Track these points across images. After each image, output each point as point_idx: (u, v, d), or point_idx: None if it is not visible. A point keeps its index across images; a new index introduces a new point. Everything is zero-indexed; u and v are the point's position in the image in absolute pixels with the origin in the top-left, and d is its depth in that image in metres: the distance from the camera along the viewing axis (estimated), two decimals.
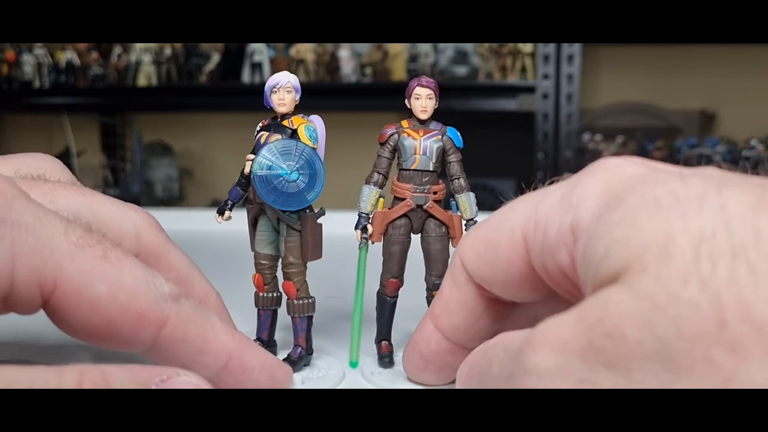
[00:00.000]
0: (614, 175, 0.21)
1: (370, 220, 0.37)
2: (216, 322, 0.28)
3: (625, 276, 0.17)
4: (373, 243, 0.37)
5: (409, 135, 0.37)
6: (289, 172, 0.34)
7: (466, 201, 0.37)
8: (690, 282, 0.16)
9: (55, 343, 0.39)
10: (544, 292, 0.25)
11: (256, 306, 0.37)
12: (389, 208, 0.37)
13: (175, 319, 0.26)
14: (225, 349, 0.28)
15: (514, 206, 0.25)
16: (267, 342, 0.37)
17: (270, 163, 0.34)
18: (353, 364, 0.29)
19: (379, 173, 0.38)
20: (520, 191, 0.26)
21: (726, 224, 0.16)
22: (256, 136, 0.36)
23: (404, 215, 0.37)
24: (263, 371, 0.29)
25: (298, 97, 0.36)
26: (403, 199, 0.37)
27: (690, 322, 0.15)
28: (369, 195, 0.37)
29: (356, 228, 0.37)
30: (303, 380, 0.34)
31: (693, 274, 0.16)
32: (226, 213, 0.37)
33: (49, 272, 0.24)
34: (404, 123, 0.38)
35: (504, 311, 0.28)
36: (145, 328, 0.25)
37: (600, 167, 0.22)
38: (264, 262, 0.37)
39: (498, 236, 0.25)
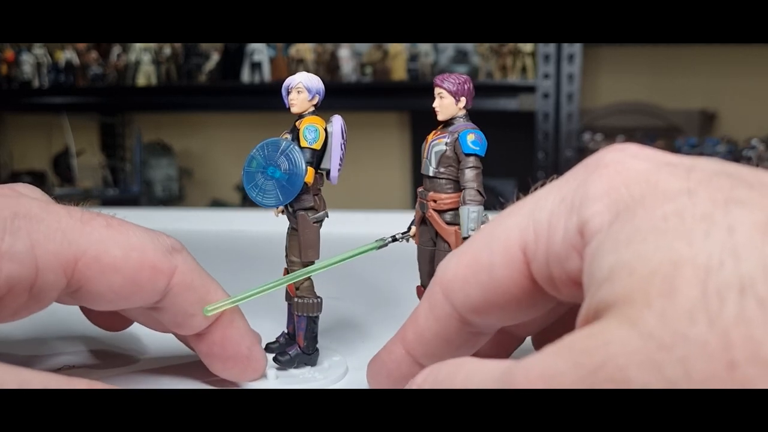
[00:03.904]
0: (616, 173, 0.20)
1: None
2: (213, 278, 0.32)
3: (626, 309, 0.16)
4: (417, 244, 0.37)
5: (426, 137, 0.35)
6: (273, 170, 0.35)
7: (463, 215, 0.33)
8: (697, 319, 0.15)
9: (33, 337, 0.39)
10: (545, 306, 0.24)
11: (285, 300, 0.38)
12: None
13: (182, 267, 0.29)
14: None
15: (500, 222, 0.23)
16: (291, 336, 0.37)
17: (256, 161, 0.35)
18: (205, 311, 0.29)
19: None
20: (519, 192, 0.25)
21: (734, 252, 0.16)
22: None
23: (424, 222, 0.36)
24: (245, 338, 0.32)
25: (311, 97, 0.36)
26: None
27: (698, 363, 0.15)
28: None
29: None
30: (276, 375, 0.34)
31: (700, 311, 0.15)
32: (280, 206, 0.37)
33: (67, 251, 0.26)
34: (441, 125, 0.36)
35: (483, 339, 0.27)
36: (159, 277, 0.29)
37: (599, 164, 0.21)
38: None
39: (489, 256, 0.23)
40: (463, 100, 0.34)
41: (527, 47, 1.75)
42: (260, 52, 1.95)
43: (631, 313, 0.16)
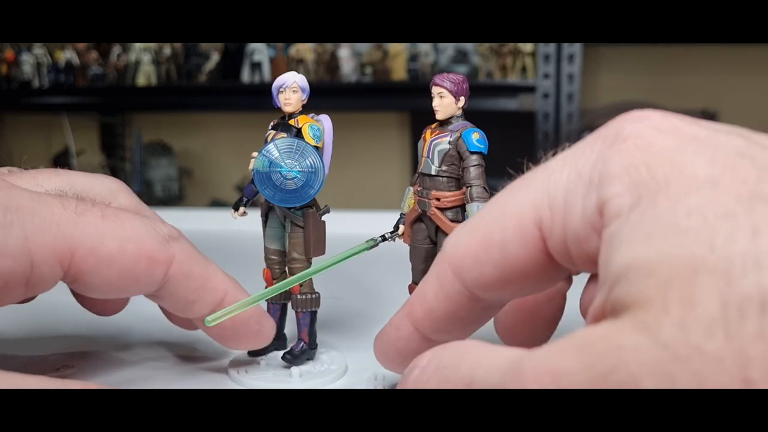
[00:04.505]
0: (636, 148, 0.19)
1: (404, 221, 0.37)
2: (212, 262, 0.31)
3: (642, 313, 0.16)
4: (407, 244, 0.37)
5: (424, 136, 0.36)
6: (288, 169, 0.34)
7: (470, 213, 0.34)
8: (715, 333, 0.14)
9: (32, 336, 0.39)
10: (560, 278, 0.23)
11: (270, 301, 0.38)
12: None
13: (180, 255, 0.29)
14: (222, 285, 0.31)
15: (510, 197, 0.23)
16: (276, 335, 0.38)
17: (270, 161, 0.35)
18: (206, 321, 0.29)
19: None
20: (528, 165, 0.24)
21: (756, 260, 0.15)
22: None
23: (421, 220, 0.36)
24: (252, 314, 0.32)
25: (305, 96, 0.36)
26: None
27: (713, 379, 0.14)
28: (406, 195, 0.37)
29: (394, 226, 0.37)
30: (301, 373, 0.35)
31: (718, 325, 0.15)
32: (241, 209, 0.38)
33: (61, 243, 0.26)
34: (434, 124, 0.36)
35: (494, 312, 0.26)
36: (156, 268, 0.28)
37: (617, 137, 0.19)
38: (273, 257, 0.37)
39: (501, 233, 0.22)
40: (462, 99, 0.35)
41: (527, 47, 1.75)
42: (260, 52, 1.95)
43: (647, 318, 0.16)
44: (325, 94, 1.87)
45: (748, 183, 0.17)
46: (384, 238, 0.36)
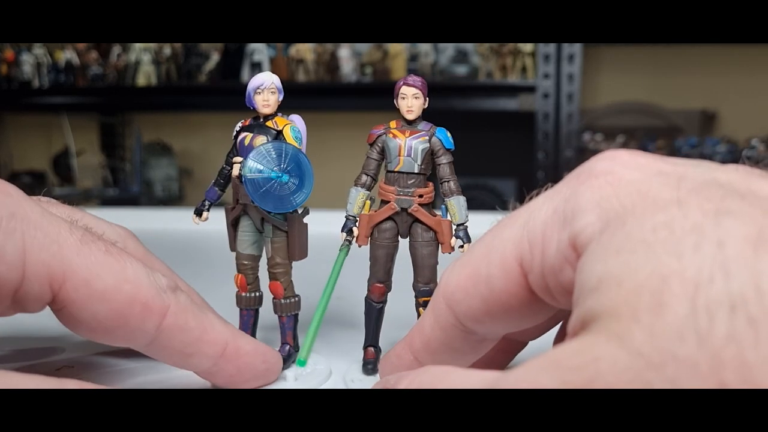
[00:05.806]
0: (606, 183, 0.20)
1: (357, 223, 0.37)
2: (209, 312, 0.30)
3: (614, 323, 0.16)
4: (360, 246, 0.37)
5: (395, 136, 0.36)
6: (280, 174, 0.34)
7: (456, 205, 0.35)
8: (686, 338, 0.14)
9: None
10: (545, 314, 0.24)
11: (238, 306, 0.37)
12: (375, 211, 0.37)
13: (175, 308, 0.28)
14: (221, 336, 0.30)
15: (497, 233, 0.23)
16: None
17: (261, 167, 0.34)
18: (300, 363, 0.29)
19: (368, 175, 0.37)
20: (520, 192, 0.25)
21: (723, 267, 0.15)
22: (236, 137, 0.36)
23: (390, 218, 0.36)
24: (257, 356, 0.32)
25: (281, 97, 0.36)
26: (389, 202, 0.36)
27: (688, 384, 0.14)
28: (356, 197, 0.37)
29: (342, 230, 0.37)
30: (296, 377, 0.35)
31: (689, 329, 0.15)
32: (204, 214, 0.38)
33: (58, 265, 0.25)
34: (392, 123, 0.37)
35: (488, 345, 0.27)
36: (149, 316, 0.27)
37: (590, 174, 0.21)
38: (246, 262, 0.37)
39: (487, 269, 0.23)
40: (427, 99, 0.36)
41: (527, 47, 1.75)
42: (260, 52, 1.94)
43: (619, 328, 0.16)
44: (325, 95, 1.87)
45: (713, 200, 0.17)
46: (349, 242, 0.36)
